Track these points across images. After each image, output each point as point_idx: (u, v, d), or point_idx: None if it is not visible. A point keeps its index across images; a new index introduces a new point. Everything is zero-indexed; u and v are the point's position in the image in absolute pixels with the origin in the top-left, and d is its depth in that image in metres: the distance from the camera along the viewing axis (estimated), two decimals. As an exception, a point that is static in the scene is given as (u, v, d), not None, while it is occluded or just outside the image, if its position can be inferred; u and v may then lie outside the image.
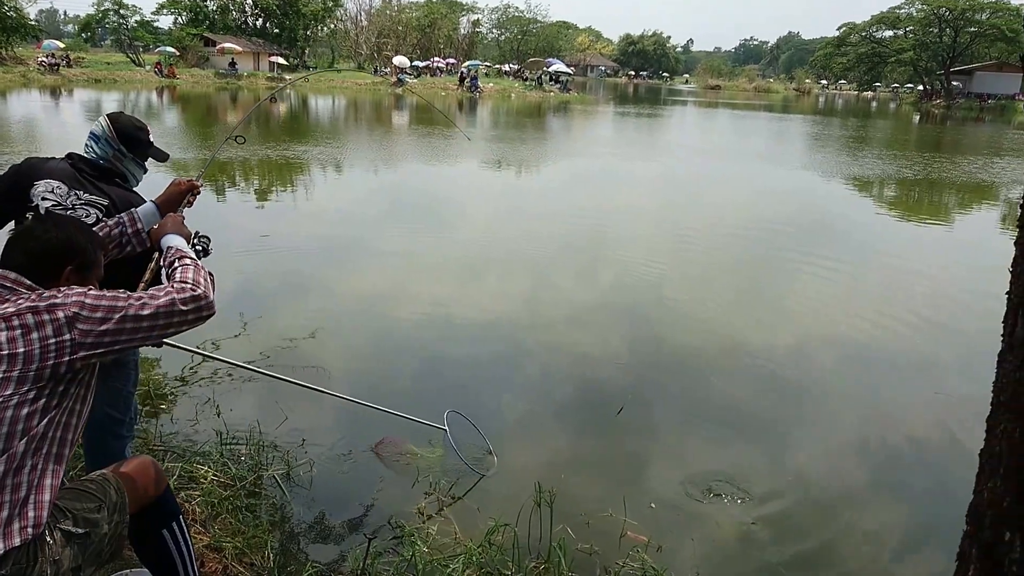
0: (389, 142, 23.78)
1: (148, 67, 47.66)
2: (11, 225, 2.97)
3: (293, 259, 9.37)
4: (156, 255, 2.82)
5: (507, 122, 35.14)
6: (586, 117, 40.59)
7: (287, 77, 45.66)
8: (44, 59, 44.62)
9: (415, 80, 50.19)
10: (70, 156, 3.17)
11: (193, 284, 2.25)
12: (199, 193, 3.04)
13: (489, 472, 4.69)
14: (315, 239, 10.52)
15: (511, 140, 25.34)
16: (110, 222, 2.76)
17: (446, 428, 4.92)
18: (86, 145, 3.20)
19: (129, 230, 2.78)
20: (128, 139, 3.19)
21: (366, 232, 11.22)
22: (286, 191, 14.48)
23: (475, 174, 18.11)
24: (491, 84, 51.48)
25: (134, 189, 3.25)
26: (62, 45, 54.88)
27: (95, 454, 3.17)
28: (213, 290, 2.35)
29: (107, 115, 3.25)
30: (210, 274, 2.40)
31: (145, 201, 3.11)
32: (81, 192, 2.99)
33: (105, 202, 3.02)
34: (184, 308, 2.18)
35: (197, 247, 2.98)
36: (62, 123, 24.47)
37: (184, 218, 2.83)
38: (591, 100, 52.27)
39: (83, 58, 50.36)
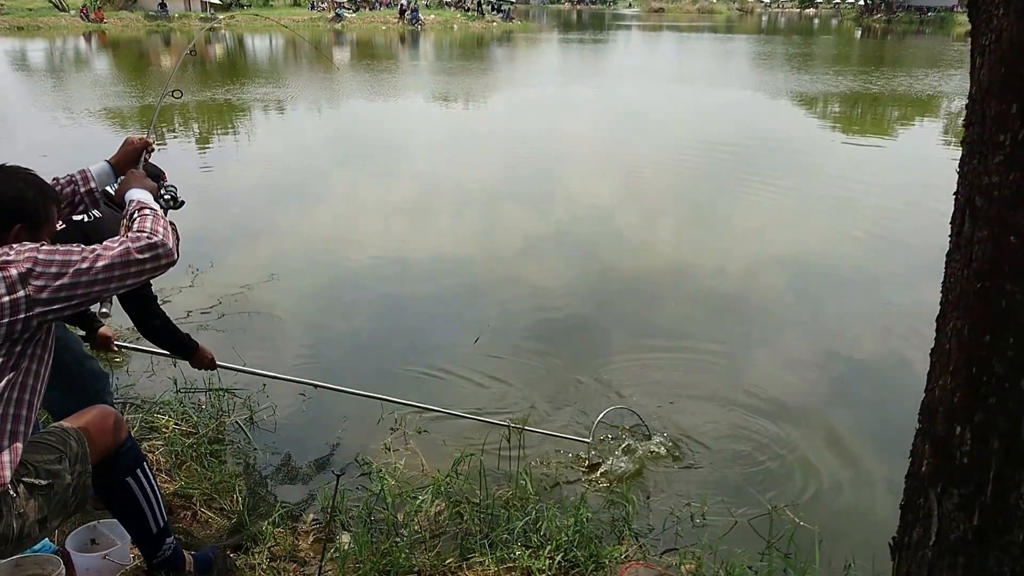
0: (331, 80, 23.19)
1: (73, 12, 45.47)
2: None
3: (240, 205, 9.18)
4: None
5: (451, 54, 34.46)
6: (530, 46, 39.93)
7: (220, 17, 44.00)
8: (-40, 8, 42.32)
9: (354, 15, 48.66)
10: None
11: (150, 232, 2.18)
12: (153, 150, 2.94)
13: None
14: (261, 184, 10.31)
15: (456, 73, 24.88)
16: (62, 179, 2.67)
17: (589, 440, 4.30)
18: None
19: (82, 188, 2.68)
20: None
21: (313, 175, 11.00)
22: (228, 135, 14.09)
23: (422, 110, 17.78)
24: (432, 16, 50.20)
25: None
26: (-23, -8, 51.91)
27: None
28: (176, 239, 2.28)
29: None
30: (171, 223, 2.33)
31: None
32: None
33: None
34: (141, 257, 2.12)
35: (165, 196, 2.90)
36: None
37: (145, 174, 2.75)
38: (534, 28, 51.36)
39: (2, 5, 47.80)
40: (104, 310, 3.08)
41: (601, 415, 4.34)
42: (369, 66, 26.49)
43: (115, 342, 3.74)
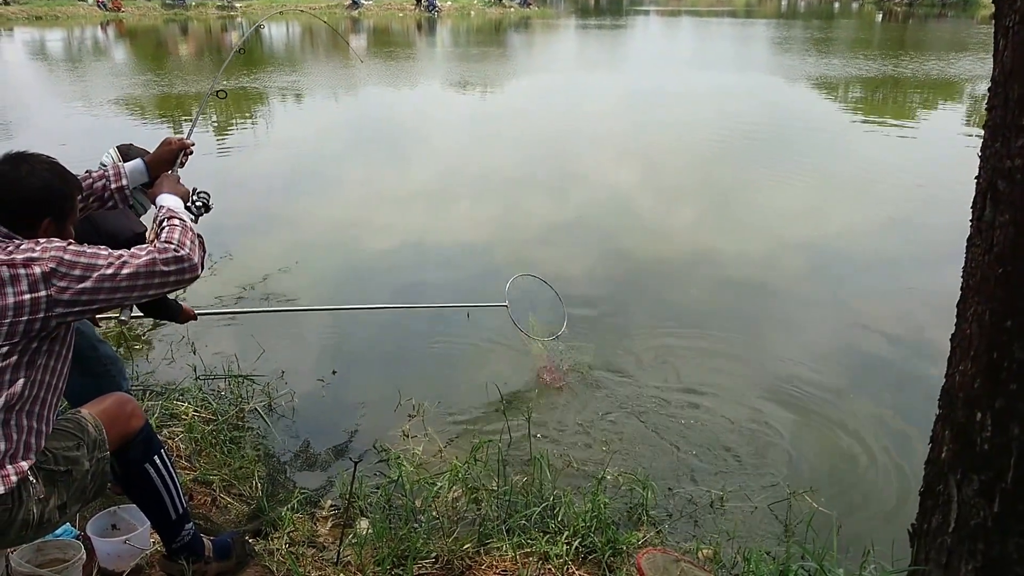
0: (349, 68, 23.20)
1: (90, 1, 45.74)
2: None
3: (258, 193, 9.21)
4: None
5: (468, 41, 34.37)
6: (548, 32, 39.75)
7: (237, 5, 44.11)
8: (-20, -2, 42.55)
9: (371, 2, 48.64)
10: None
11: (177, 245, 2.19)
12: (191, 153, 2.94)
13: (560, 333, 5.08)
14: (279, 171, 10.33)
15: (474, 59, 24.80)
16: (94, 174, 2.67)
17: (506, 304, 5.10)
18: None
19: (113, 185, 2.68)
20: None
21: (331, 162, 11.01)
22: (246, 122, 14.13)
23: (440, 97, 17.74)
24: (449, 3, 50.07)
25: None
26: (-3, -18, 52.11)
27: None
28: (203, 252, 2.29)
29: (116, 147, 3.31)
30: (199, 236, 2.33)
31: (141, 229, 3.23)
32: None
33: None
34: (165, 269, 2.13)
35: (197, 203, 2.91)
36: (4, 64, 23.52)
37: (179, 178, 2.75)
38: (552, 14, 50.97)
39: (21, -6, 47.99)
40: (123, 317, 3.11)
41: (514, 277, 5.26)
42: (386, 53, 26.45)
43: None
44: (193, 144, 2.94)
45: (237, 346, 5.13)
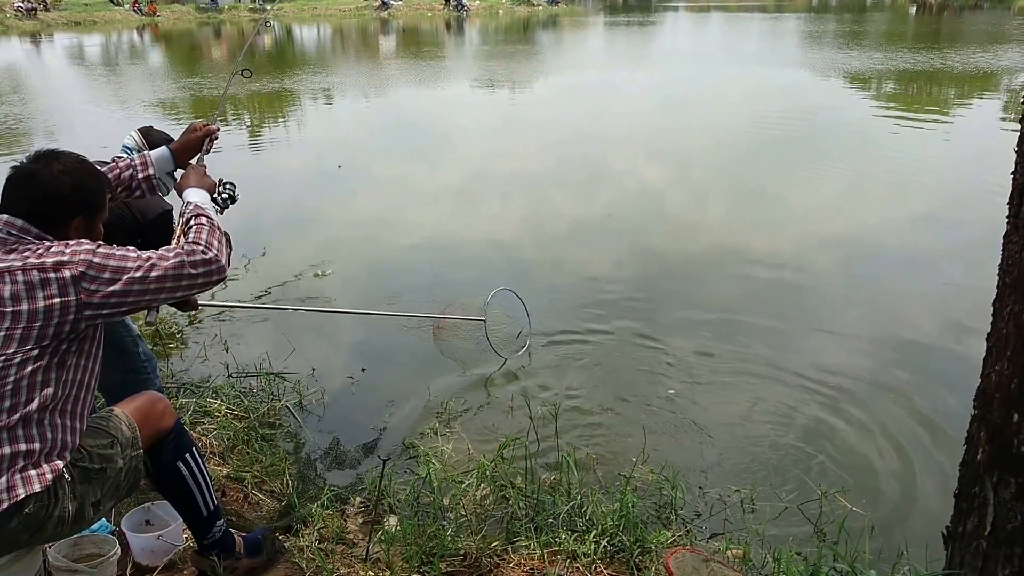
0: (379, 68, 23.33)
1: (126, 6, 46.43)
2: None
3: (290, 192, 9.29)
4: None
5: (497, 39, 34.40)
6: (576, 30, 39.68)
7: (268, 7, 44.56)
8: (20, 4, 43.31)
9: (400, 3, 48.85)
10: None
11: (205, 246, 2.19)
12: (217, 138, 2.95)
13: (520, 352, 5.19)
14: (310, 170, 10.41)
15: (502, 58, 24.82)
16: (120, 164, 2.69)
17: (484, 319, 5.12)
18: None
19: (140, 175, 2.69)
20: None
21: (362, 161, 11.08)
22: (277, 122, 14.27)
23: (468, 95, 17.78)
24: (477, 2, 50.11)
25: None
26: (36, -12, 52.97)
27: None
28: (229, 251, 2.30)
29: (138, 129, 3.42)
30: (226, 235, 2.34)
31: (168, 207, 3.26)
32: None
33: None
34: (193, 271, 2.14)
35: (223, 194, 2.92)
36: (45, 69, 23.94)
37: (206, 167, 2.76)
38: (580, 12, 50.89)
39: (60, 0, 48.86)
40: (150, 319, 3.15)
41: (491, 294, 5.16)
42: (417, 53, 26.56)
43: None
44: (218, 129, 2.94)
45: (269, 344, 5.18)
